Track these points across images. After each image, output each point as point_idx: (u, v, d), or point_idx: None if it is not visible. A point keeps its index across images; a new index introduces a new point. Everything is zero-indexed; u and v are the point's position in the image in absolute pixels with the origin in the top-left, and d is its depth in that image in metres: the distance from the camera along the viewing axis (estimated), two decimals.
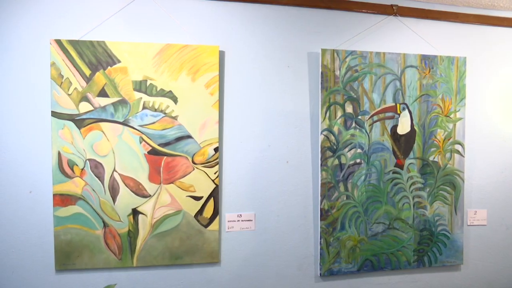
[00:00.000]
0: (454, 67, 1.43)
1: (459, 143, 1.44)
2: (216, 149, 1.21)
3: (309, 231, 1.37)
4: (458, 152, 1.44)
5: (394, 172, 1.39)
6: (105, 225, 1.14)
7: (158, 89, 1.17)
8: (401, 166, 1.39)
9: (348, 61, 1.34)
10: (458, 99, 1.43)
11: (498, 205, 1.53)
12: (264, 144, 1.33)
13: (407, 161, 1.39)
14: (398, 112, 1.38)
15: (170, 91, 1.19)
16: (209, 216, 1.23)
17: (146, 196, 1.15)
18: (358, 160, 1.35)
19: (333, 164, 1.32)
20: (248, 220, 1.31)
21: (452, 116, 1.43)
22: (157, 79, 1.17)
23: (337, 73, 1.33)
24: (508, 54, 1.52)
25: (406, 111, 1.39)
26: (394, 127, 1.38)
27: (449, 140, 1.43)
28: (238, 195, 1.32)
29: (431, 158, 1.41)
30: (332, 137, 1.32)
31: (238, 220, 1.30)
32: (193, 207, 1.19)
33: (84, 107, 1.14)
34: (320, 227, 1.32)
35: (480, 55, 1.52)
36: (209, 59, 1.22)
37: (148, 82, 1.17)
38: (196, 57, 1.22)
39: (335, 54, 1.32)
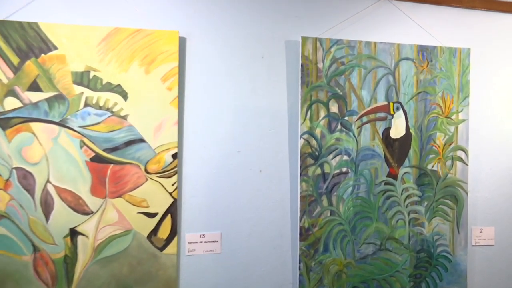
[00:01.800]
0: (457, 60, 1.76)
1: (462, 149, 1.77)
2: (174, 156, 1.41)
3: (287, 253, 1.65)
4: (460, 159, 1.77)
5: (386, 183, 1.69)
6: (35, 249, 1.22)
7: (103, 83, 1.31)
8: (394, 176, 1.70)
9: (333, 52, 1.63)
10: (461, 98, 1.77)
11: (508, 221, 1.76)
12: (233, 149, 1.60)
13: (402, 170, 1.71)
14: (391, 112, 1.68)
15: (119, 85, 1.33)
16: (165, 237, 1.39)
17: (87, 213, 1.28)
18: (344, 169, 1.64)
19: (314, 174, 1.61)
20: (213, 241, 1.57)
21: (453, 117, 1.76)
22: (102, 70, 1.31)
23: (320, 65, 1.62)
24: None
25: (401, 111, 1.70)
26: (387, 130, 1.69)
27: (450, 145, 1.75)
28: (201, 211, 1.55)
29: (429, 167, 1.72)
30: (314, 142, 1.61)
31: (201, 242, 1.55)
32: (145, 226, 1.34)
33: (10, 103, 1.22)
34: (300, 248, 1.57)
35: (487, 47, 1.83)
36: (166, 47, 1.39)
37: (92, 74, 1.31)
38: (151, 45, 1.37)
39: (318, 44, 1.62)
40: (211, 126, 1.44)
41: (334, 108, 1.59)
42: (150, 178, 1.32)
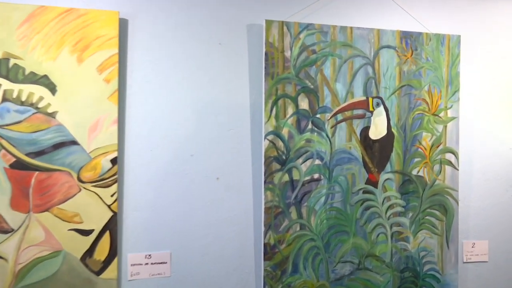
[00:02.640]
0: (445, 49, 1.83)
1: (452, 152, 1.84)
2: (113, 161, 1.41)
3: (249, 275, 1.66)
4: (450, 163, 1.84)
5: (365, 192, 1.74)
6: None
7: (26, 73, 1.29)
8: (374, 183, 1.75)
9: (303, 38, 1.66)
10: (450, 92, 1.84)
11: (503, 234, 1.79)
12: (185, 153, 1.61)
13: (383, 176, 1.76)
14: (371, 109, 1.73)
15: (45, 76, 1.32)
16: (103, 259, 1.38)
17: (6, 231, 1.26)
18: (316, 175, 1.68)
19: (281, 181, 1.64)
20: (161, 263, 1.57)
21: (442, 115, 1.82)
22: (25, 58, 1.29)
23: (288, 54, 1.65)
24: None
25: (381, 107, 1.75)
26: (365, 130, 1.73)
27: (438, 147, 1.81)
28: (147, 227, 1.53)
29: (414, 172, 1.78)
30: (280, 144, 1.64)
31: (147, 263, 1.56)
32: (79, 245, 1.32)
33: None
34: (264, 269, 1.56)
35: (480, 33, 1.88)
36: (104, 30, 1.38)
37: (11, 62, 1.28)
38: (85, 27, 1.36)
39: (285, 28, 1.64)
40: (158, 125, 1.45)
41: (304, 104, 1.63)
42: (84, 188, 1.33)
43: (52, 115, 1.31)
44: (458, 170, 1.79)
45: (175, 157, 1.55)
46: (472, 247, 1.84)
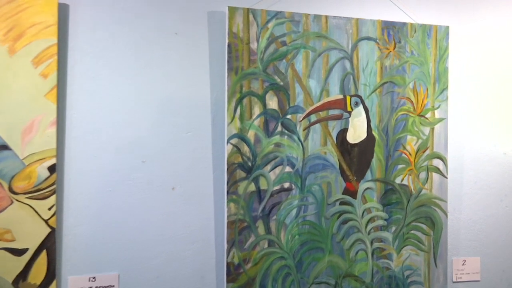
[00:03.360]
0: (432, 42, 1.87)
1: (440, 157, 1.88)
2: (51, 169, 1.39)
3: None
4: (437, 170, 1.88)
5: (342, 203, 1.77)
6: None
7: None
8: (353, 193, 1.78)
9: (271, 28, 1.68)
10: (438, 90, 1.88)
11: (497, 250, 1.81)
12: (136, 159, 1.60)
13: (362, 185, 1.79)
14: (349, 109, 1.76)
15: None
16: (39, 282, 1.34)
17: None
18: (286, 185, 1.71)
19: (247, 191, 1.66)
20: (108, 286, 1.55)
21: (428, 115, 1.86)
22: None
23: (254, 46, 1.66)
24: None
25: (361, 107, 1.78)
26: (343, 133, 1.76)
27: (424, 152, 1.85)
28: (91, 244, 1.47)
29: (398, 180, 1.82)
30: (246, 148, 1.66)
31: (91, 287, 1.56)
32: (10, 267, 1.30)
33: None
34: None
35: (470, 24, 1.85)
36: (41, 16, 1.34)
37: None
38: (18, 13, 1.32)
39: (251, 16, 1.66)
40: (104, 128, 1.45)
41: (272, 103, 1.66)
42: (17, 200, 1.33)
43: None
44: (447, 178, 1.84)
45: (124, 164, 1.54)
46: (463, 264, 1.88)
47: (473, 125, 1.92)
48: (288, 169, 1.67)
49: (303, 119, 1.69)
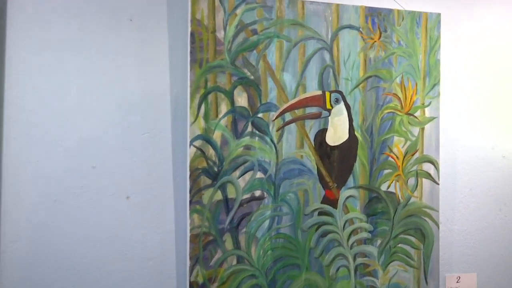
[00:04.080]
0: (422, 31, 1.88)
1: (431, 161, 1.90)
2: None
3: None
4: (428, 176, 1.90)
5: (321, 213, 1.78)
6: None
7: None
8: (333, 202, 1.79)
9: (240, 15, 1.68)
10: (428, 86, 1.90)
11: (495, 266, 1.85)
12: (84, 164, 1.59)
13: (344, 193, 1.80)
14: (328, 106, 1.78)
15: None
16: None
17: None
18: (257, 193, 1.71)
19: (212, 201, 1.65)
20: None
21: (418, 114, 1.88)
22: None
23: (220, 35, 1.66)
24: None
25: (342, 105, 1.79)
26: (321, 134, 1.77)
27: (413, 155, 1.87)
28: (30, 263, 1.47)
29: (383, 187, 1.84)
30: (211, 151, 1.65)
31: None
32: None
33: None
34: None
35: (464, 12, 1.89)
36: None
37: None
38: None
39: (217, 2, 1.64)
40: (46, 129, 1.45)
41: (241, 100, 1.67)
42: None
43: None
44: (438, 184, 1.87)
45: (70, 170, 1.55)
46: (457, 282, 1.90)
47: (468, 124, 1.95)
48: (259, 175, 1.68)
49: (276, 118, 1.70)
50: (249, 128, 1.67)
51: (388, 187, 1.82)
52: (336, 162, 1.77)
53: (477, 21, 1.97)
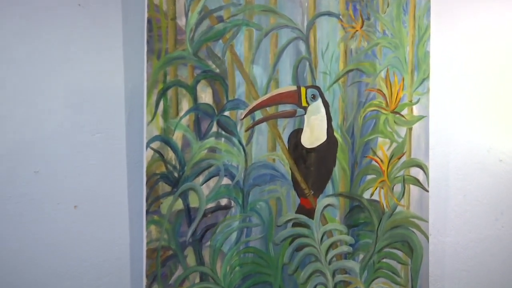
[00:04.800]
0: (409, 19, 1.90)
1: (419, 165, 1.92)
2: None
3: None
4: (416, 182, 1.92)
5: (296, 224, 1.79)
6: None
7: None
8: (309, 212, 1.81)
9: (204, 0, 1.68)
10: (417, 81, 1.92)
11: (492, 282, 1.92)
12: (26, 169, 1.60)
13: (322, 202, 1.82)
14: (304, 103, 1.79)
15: None
16: None
17: None
18: (224, 201, 1.72)
19: (172, 210, 1.66)
20: None
21: (405, 112, 1.90)
22: None
23: (182, 22, 1.67)
24: None
25: (319, 102, 1.81)
26: (296, 134, 1.79)
27: (400, 158, 1.90)
28: None
29: (366, 195, 1.86)
30: (171, 154, 1.67)
31: None
32: None
33: None
34: None
35: None
36: None
37: None
38: None
39: None
40: None
41: (206, 96, 1.69)
42: None
43: None
44: (428, 191, 1.90)
45: (10, 176, 1.56)
46: None
47: (461, 124, 1.99)
48: (225, 181, 1.70)
49: (245, 116, 1.72)
50: (214, 128, 1.69)
51: (372, 194, 1.85)
52: (312, 166, 1.79)
53: (471, 9, 2.01)
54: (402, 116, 1.89)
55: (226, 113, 1.71)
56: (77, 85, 1.64)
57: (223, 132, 1.71)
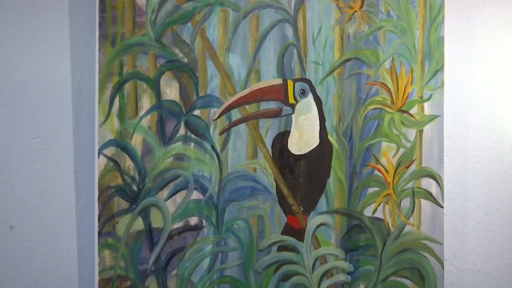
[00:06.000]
0: None
1: (432, 175, 1.93)
2: None
3: None
4: (429, 196, 1.93)
5: (282, 248, 1.81)
6: None
7: None
8: (298, 233, 1.82)
9: None
10: (428, 73, 1.92)
11: None
12: None
13: (314, 220, 1.83)
14: (291, 100, 1.81)
15: None
16: None
17: None
18: (193, 220, 1.73)
19: (131, 232, 1.67)
20: None
21: (414, 111, 1.91)
22: None
23: (142, 1, 1.68)
24: None
25: (310, 98, 1.83)
26: (282, 138, 1.81)
27: (408, 167, 1.91)
28: None
29: (367, 212, 1.87)
30: (129, 163, 1.68)
31: None
32: None
33: None
34: None
35: None
36: None
37: None
38: None
39: None
40: None
41: (171, 91, 1.71)
42: None
43: None
44: (442, 207, 1.91)
45: None
46: None
47: (482, 126, 2.01)
48: (196, 195, 1.72)
49: (219, 116, 1.74)
50: (182, 131, 1.71)
51: (374, 211, 1.86)
52: (302, 177, 1.80)
53: None
54: (411, 115, 1.90)
55: (196, 112, 1.73)
56: (13, 78, 1.65)
57: (193, 136, 1.73)
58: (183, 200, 1.69)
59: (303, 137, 1.80)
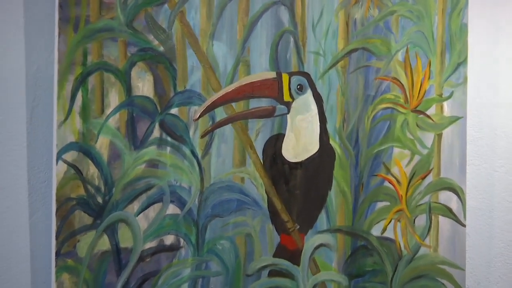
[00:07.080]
0: None
1: (452, 188, 1.97)
2: None
3: None
4: (448, 213, 1.96)
5: (274, 273, 1.84)
6: None
7: None
8: (293, 255, 1.85)
9: None
10: (449, 66, 1.96)
11: None
12: None
13: (312, 240, 1.87)
14: (286, 98, 1.84)
15: None
16: None
17: None
18: (169, 239, 1.76)
19: (95, 252, 1.70)
20: None
21: (432, 112, 1.95)
22: None
23: None
24: None
25: (308, 95, 1.86)
26: (275, 142, 1.84)
27: (424, 178, 1.94)
28: None
29: (375, 231, 1.91)
30: (92, 170, 1.71)
31: None
32: None
33: None
34: None
35: None
36: None
37: None
38: None
39: None
40: None
41: (144, 85, 1.74)
42: None
43: None
44: (464, 226, 1.95)
45: None
46: None
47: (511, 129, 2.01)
48: (172, 209, 1.75)
49: (201, 116, 1.77)
50: (156, 133, 1.73)
51: (384, 230, 1.89)
52: (298, 189, 1.83)
53: None
54: (428, 117, 1.93)
55: (174, 110, 1.76)
56: None
57: (169, 139, 1.75)
58: (157, 215, 1.72)
59: (300, 142, 1.82)
